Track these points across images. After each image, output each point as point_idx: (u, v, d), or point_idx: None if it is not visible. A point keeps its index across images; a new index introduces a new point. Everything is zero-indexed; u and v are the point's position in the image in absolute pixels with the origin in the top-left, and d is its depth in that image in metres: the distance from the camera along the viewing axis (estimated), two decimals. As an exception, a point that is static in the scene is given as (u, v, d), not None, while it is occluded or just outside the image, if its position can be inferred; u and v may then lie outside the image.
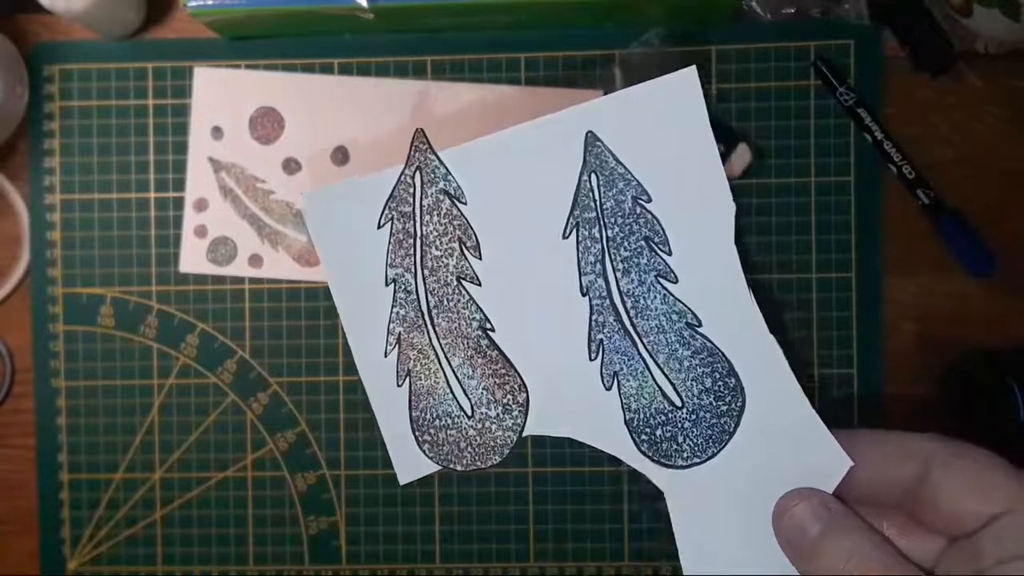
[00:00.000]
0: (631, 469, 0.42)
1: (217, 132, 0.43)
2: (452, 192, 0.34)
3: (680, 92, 0.33)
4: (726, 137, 0.42)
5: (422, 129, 0.34)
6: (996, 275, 0.42)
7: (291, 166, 0.43)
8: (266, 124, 0.43)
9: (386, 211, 0.34)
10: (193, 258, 0.44)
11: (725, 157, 0.42)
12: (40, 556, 0.44)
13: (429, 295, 0.34)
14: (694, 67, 0.33)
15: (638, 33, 0.42)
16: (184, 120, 0.44)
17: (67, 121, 0.44)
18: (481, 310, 0.34)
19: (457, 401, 0.34)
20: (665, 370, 0.33)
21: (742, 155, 0.42)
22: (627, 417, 0.33)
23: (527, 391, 0.34)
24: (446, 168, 0.34)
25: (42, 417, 0.44)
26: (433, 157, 0.34)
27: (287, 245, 0.43)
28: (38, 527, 0.44)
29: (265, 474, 0.44)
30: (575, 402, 0.34)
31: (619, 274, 0.33)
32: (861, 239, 0.42)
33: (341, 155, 0.43)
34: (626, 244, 0.33)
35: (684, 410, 0.33)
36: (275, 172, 0.43)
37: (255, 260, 0.43)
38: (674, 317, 0.33)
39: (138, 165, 0.44)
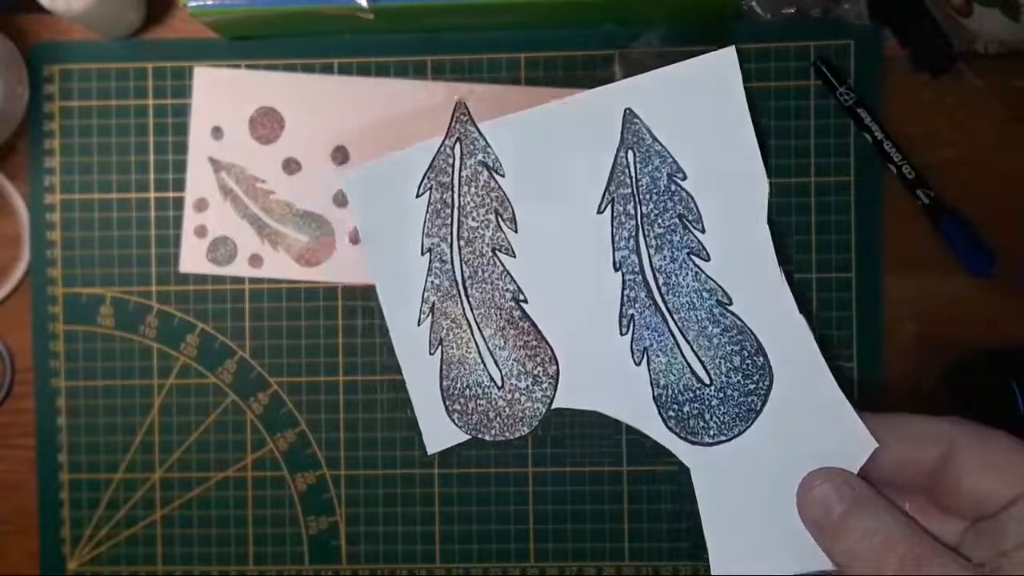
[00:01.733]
0: (631, 470, 0.43)
1: (217, 132, 0.43)
2: (490, 164, 0.34)
3: (720, 71, 0.34)
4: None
5: (463, 101, 0.35)
6: (996, 275, 0.42)
7: (291, 166, 0.43)
8: (266, 124, 0.43)
9: (425, 180, 0.35)
10: (193, 258, 0.44)
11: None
12: (40, 556, 0.44)
13: (464, 265, 0.34)
14: (733, 47, 0.34)
15: (638, 33, 0.42)
16: (184, 120, 0.44)
17: (67, 121, 0.44)
18: (515, 281, 0.34)
19: (488, 371, 0.34)
20: (695, 347, 0.33)
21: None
22: (655, 393, 0.34)
23: (558, 363, 0.34)
24: (485, 140, 0.34)
25: (42, 417, 0.44)
26: (473, 129, 0.34)
27: (287, 245, 0.43)
28: (38, 527, 0.44)
29: (265, 474, 0.44)
30: (604, 376, 0.34)
31: (652, 250, 0.34)
32: (861, 239, 0.42)
33: (341, 155, 0.43)
34: (660, 221, 0.34)
35: (712, 387, 0.33)
36: (275, 172, 0.43)
37: (255, 260, 0.43)
38: (705, 295, 0.33)
39: (138, 165, 0.44)
